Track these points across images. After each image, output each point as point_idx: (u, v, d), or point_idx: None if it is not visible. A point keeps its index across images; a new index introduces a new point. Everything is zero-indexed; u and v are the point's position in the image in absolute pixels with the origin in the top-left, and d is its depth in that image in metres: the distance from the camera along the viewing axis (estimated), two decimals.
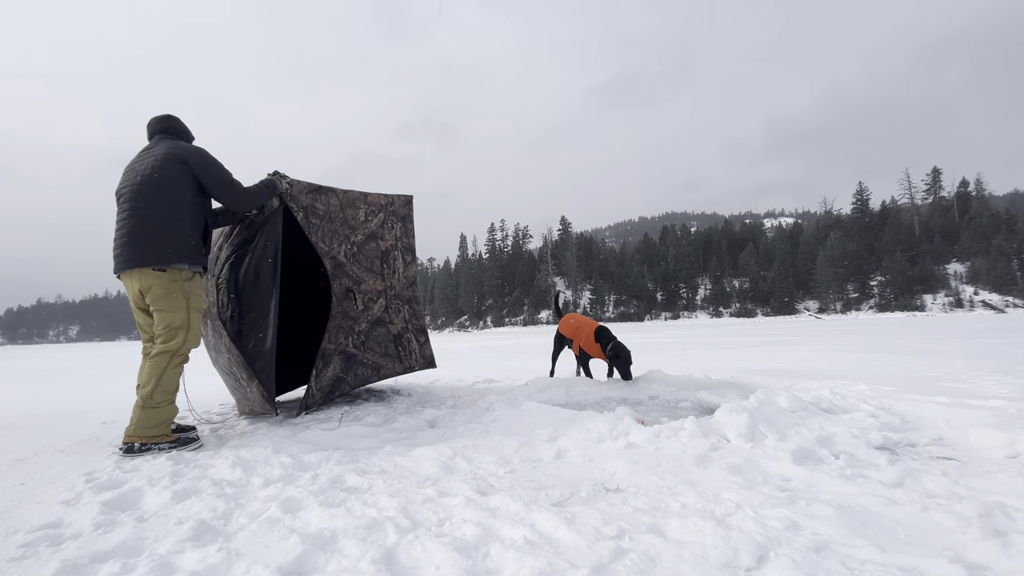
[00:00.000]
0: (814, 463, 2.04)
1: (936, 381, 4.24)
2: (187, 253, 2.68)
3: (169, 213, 2.64)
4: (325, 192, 3.45)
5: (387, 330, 3.76)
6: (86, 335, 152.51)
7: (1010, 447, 2.14)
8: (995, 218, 57.29)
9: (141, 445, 2.49)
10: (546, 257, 79.65)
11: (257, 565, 1.30)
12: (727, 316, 61.65)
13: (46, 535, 1.52)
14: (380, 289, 3.72)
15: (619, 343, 3.91)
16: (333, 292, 3.37)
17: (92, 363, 12.07)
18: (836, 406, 3.09)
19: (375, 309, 3.67)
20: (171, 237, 2.63)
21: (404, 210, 3.95)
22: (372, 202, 3.73)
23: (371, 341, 3.66)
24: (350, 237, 3.54)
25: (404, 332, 3.88)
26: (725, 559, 1.28)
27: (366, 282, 3.62)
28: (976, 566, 1.23)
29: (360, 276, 3.58)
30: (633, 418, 2.63)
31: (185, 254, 2.67)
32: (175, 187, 2.66)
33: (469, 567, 1.28)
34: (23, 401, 5.04)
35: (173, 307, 2.63)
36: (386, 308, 3.75)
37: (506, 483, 1.93)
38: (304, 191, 3.32)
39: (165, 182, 2.64)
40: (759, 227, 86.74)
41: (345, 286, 3.46)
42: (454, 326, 78.64)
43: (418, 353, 3.97)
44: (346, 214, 3.54)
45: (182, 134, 2.95)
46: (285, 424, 3.07)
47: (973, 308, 49.71)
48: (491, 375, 5.76)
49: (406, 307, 3.92)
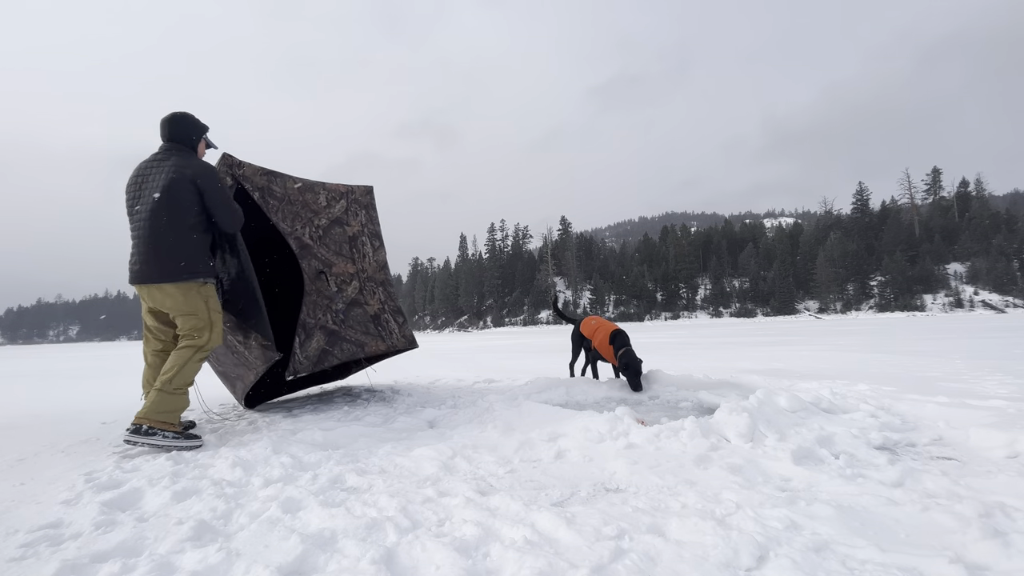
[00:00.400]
0: (814, 463, 2.04)
1: (936, 381, 4.24)
2: (200, 268, 2.83)
3: (183, 232, 2.78)
4: (280, 176, 3.52)
5: (364, 311, 3.82)
6: (86, 335, 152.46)
7: (1010, 447, 2.14)
8: (995, 218, 57.29)
9: (149, 428, 2.53)
10: (546, 257, 79.65)
11: (257, 565, 1.30)
12: (727, 316, 61.65)
13: (46, 535, 1.52)
14: (352, 272, 3.79)
15: (630, 351, 3.86)
16: (304, 272, 3.46)
17: (92, 363, 12.07)
18: (836, 406, 3.09)
19: (349, 291, 3.74)
20: (186, 255, 2.78)
21: (366, 199, 4.01)
22: (331, 189, 3.79)
23: (350, 320, 3.72)
24: (313, 220, 3.61)
25: (381, 312, 3.94)
26: (725, 559, 1.27)
27: (337, 265, 3.70)
28: (976, 566, 1.23)
29: (330, 259, 3.66)
30: (633, 418, 2.63)
31: (197, 270, 2.82)
32: (189, 208, 2.79)
33: (469, 567, 1.27)
34: (23, 401, 5.04)
35: (194, 311, 2.80)
36: (360, 290, 3.82)
37: (506, 483, 1.93)
38: (257, 173, 3.39)
39: (179, 203, 2.77)
40: (759, 227, 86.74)
41: (316, 267, 3.55)
42: (454, 326, 78.64)
43: (398, 333, 4.02)
44: (306, 198, 3.59)
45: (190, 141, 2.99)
46: (285, 424, 3.07)
47: (973, 308, 49.71)
48: (491, 375, 5.76)
49: (380, 289, 3.98)
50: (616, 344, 3.97)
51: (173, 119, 2.94)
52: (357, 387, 4.90)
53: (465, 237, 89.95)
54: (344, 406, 3.78)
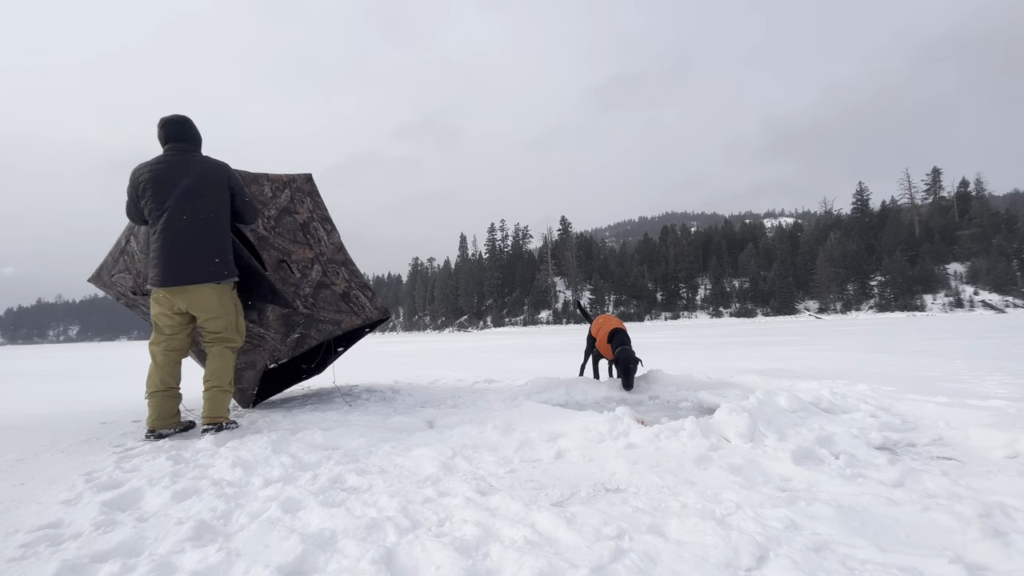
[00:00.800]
0: (814, 463, 2.04)
1: (936, 381, 4.24)
2: (232, 268, 2.94)
3: (220, 232, 2.88)
4: None
5: (332, 291, 3.87)
6: (86, 335, 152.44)
7: (1010, 447, 2.14)
8: (995, 218, 57.28)
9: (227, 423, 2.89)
10: (546, 257, 79.64)
11: (257, 565, 1.30)
12: (727, 316, 61.66)
13: (46, 535, 1.52)
14: (311, 256, 3.83)
15: (626, 349, 3.86)
16: (266, 263, 3.51)
17: (92, 363, 12.08)
18: (836, 406, 3.09)
19: (313, 275, 3.79)
20: (224, 255, 2.89)
21: (308, 187, 4.03)
22: (274, 180, 3.81)
23: (320, 302, 3.77)
24: (264, 212, 3.63)
25: (350, 290, 3.98)
26: (725, 559, 1.27)
27: (295, 252, 3.73)
28: (976, 566, 1.23)
29: (287, 248, 3.70)
30: (633, 418, 2.63)
31: (232, 269, 2.93)
32: (224, 208, 2.90)
33: (469, 567, 1.27)
34: (23, 401, 5.04)
35: (226, 312, 2.92)
36: (324, 272, 3.86)
37: (506, 483, 1.93)
38: None
39: (219, 202, 2.87)
40: (759, 227, 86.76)
41: (276, 257, 3.59)
42: (454, 326, 78.65)
43: (370, 306, 4.06)
44: (252, 190, 3.59)
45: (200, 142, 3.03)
46: (285, 424, 3.07)
47: (973, 308, 49.72)
48: (491, 375, 5.76)
49: (343, 268, 4.02)
50: (614, 342, 3.97)
51: (186, 120, 2.97)
52: (357, 387, 4.90)
53: (465, 237, 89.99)
54: (344, 406, 3.78)
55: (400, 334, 75.89)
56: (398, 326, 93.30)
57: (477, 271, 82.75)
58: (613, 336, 4.01)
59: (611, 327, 4.11)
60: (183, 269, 2.75)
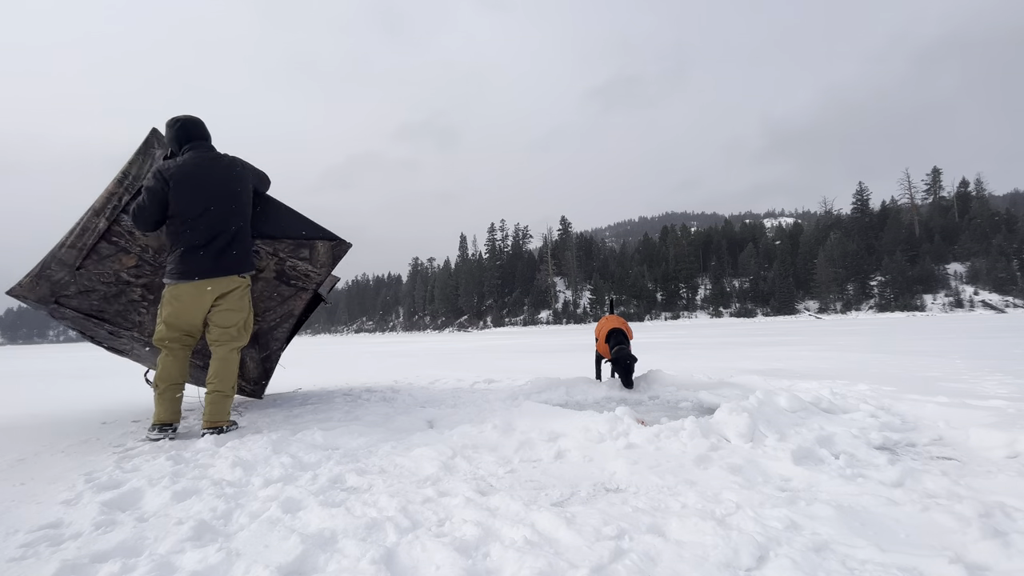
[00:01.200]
0: (814, 463, 2.03)
1: (936, 381, 4.24)
2: (254, 260, 3.07)
3: (246, 224, 3.01)
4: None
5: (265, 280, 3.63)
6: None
7: (1010, 447, 2.14)
8: (995, 218, 57.29)
9: (227, 426, 2.89)
10: (546, 257, 79.66)
11: (257, 565, 1.30)
12: (727, 316, 61.68)
13: (46, 535, 1.52)
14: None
15: (624, 348, 3.87)
16: None
17: (92, 363, 12.07)
18: (836, 406, 3.09)
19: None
20: (250, 246, 3.03)
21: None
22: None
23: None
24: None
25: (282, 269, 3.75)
26: (725, 559, 1.27)
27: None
28: (976, 566, 1.23)
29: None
30: (633, 418, 2.63)
31: (254, 261, 3.07)
32: (250, 201, 3.04)
33: (469, 567, 1.27)
34: (23, 401, 5.04)
35: (242, 307, 2.97)
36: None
37: (506, 483, 1.93)
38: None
39: (246, 195, 3.00)
40: (759, 227, 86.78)
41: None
42: (454, 326, 78.65)
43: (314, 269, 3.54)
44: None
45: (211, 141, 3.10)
46: (285, 424, 3.07)
47: (973, 308, 49.73)
48: (491, 375, 5.76)
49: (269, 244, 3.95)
50: (612, 342, 3.97)
51: (201, 120, 3.04)
52: (357, 387, 4.91)
53: (465, 237, 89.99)
54: (344, 406, 3.78)
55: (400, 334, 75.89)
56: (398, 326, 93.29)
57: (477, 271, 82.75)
58: (611, 336, 4.01)
59: (611, 327, 4.11)
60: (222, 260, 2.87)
